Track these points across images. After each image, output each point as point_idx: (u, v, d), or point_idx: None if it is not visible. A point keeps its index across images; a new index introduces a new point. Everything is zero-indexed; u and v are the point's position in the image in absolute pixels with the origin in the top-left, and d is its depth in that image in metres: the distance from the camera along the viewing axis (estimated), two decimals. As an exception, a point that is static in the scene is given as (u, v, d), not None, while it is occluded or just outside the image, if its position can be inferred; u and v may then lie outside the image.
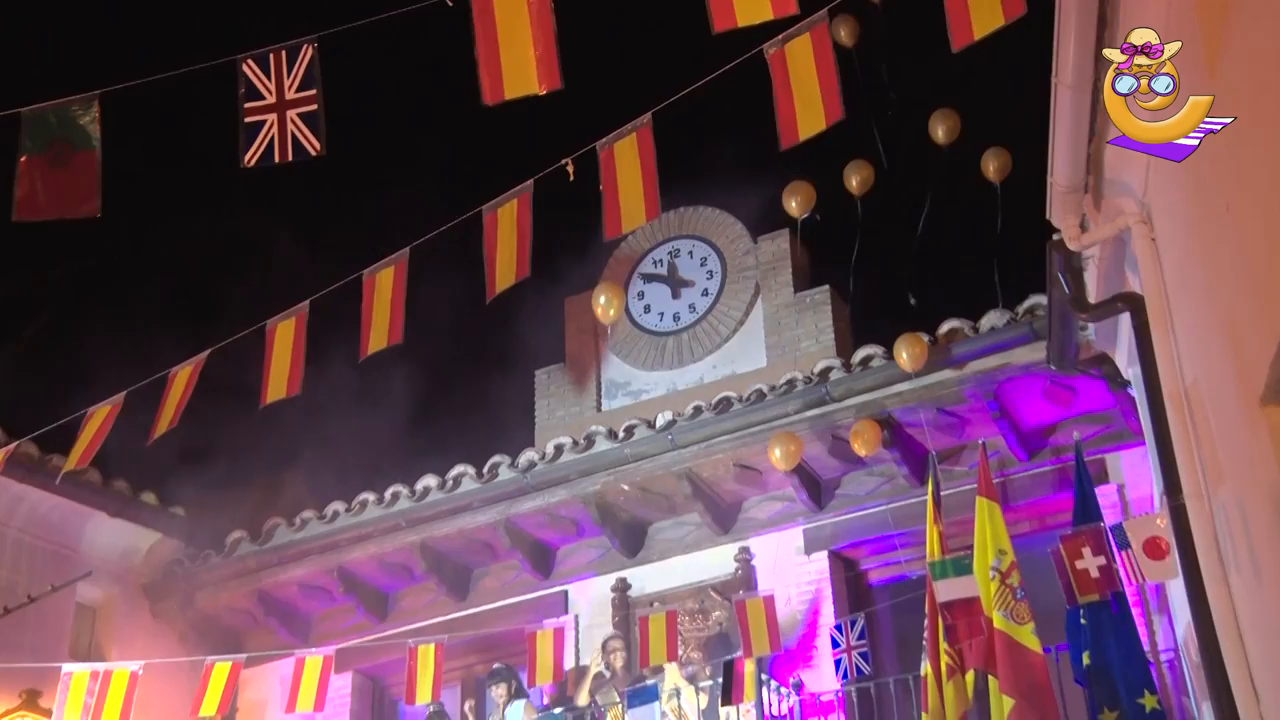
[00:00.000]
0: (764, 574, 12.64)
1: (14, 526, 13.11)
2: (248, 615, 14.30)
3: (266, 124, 6.45)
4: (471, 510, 13.47)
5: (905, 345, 11.17)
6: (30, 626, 12.52)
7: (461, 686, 13.69)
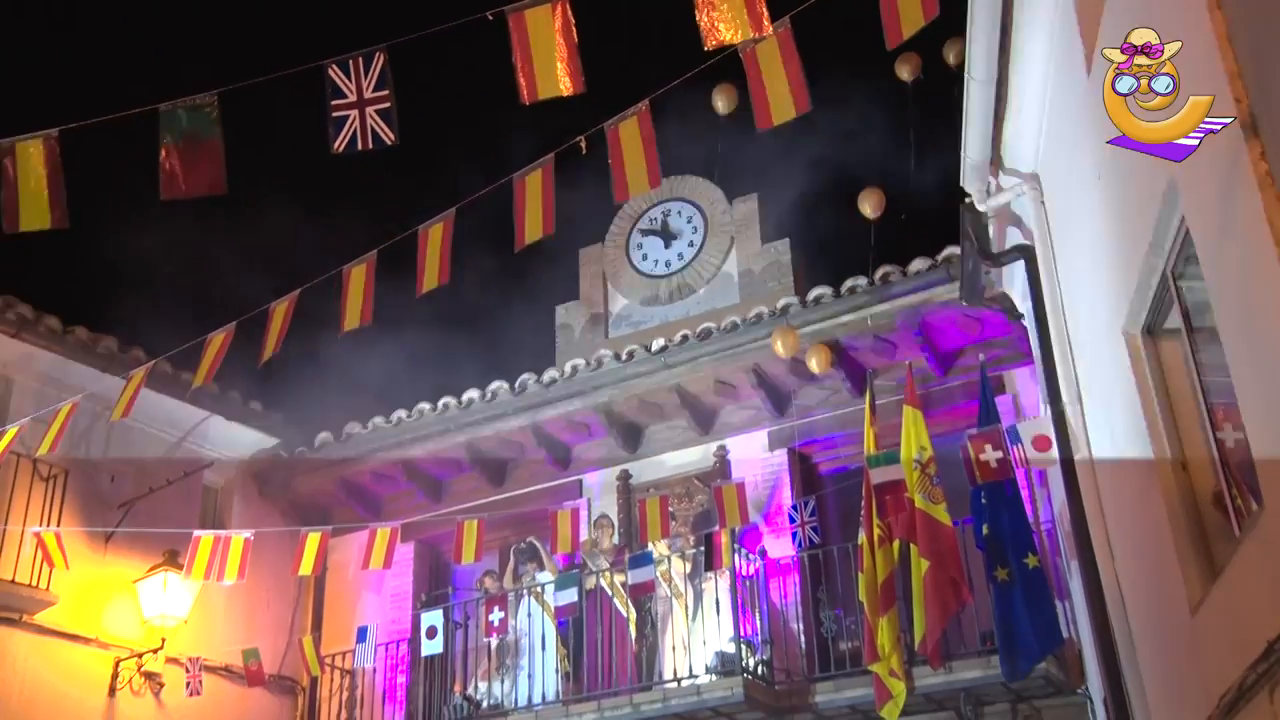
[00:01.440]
0: (737, 466, 12.75)
1: (155, 427, 13.20)
2: (332, 497, 14.40)
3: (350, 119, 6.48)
4: (506, 416, 13.54)
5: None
6: (170, 503, 12.73)
7: (499, 553, 13.78)
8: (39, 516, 11.62)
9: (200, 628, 12.85)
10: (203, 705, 12.80)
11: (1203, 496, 5.97)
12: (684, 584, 11.92)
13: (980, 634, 10.27)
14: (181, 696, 12.57)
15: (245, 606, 13.34)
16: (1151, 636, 7.05)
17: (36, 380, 12.16)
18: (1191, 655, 5.96)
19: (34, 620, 11.78)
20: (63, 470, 11.99)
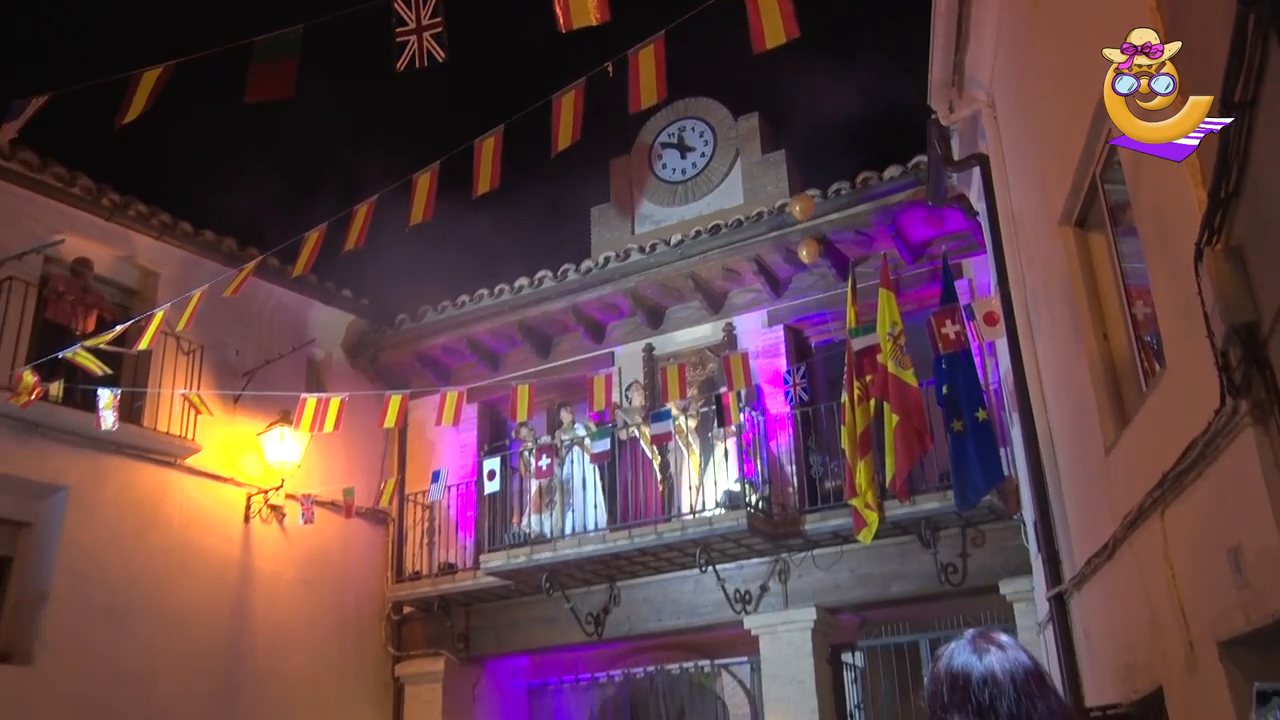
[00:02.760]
0: (741, 339, 12.85)
1: (266, 311, 13.39)
2: (410, 366, 14.56)
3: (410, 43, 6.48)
4: (550, 299, 13.64)
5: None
6: (281, 373, 12.93)
7: (547, 413, 13.98)
8: (184, 383, 11.90)
9: (310, 470, 13.18)
10: (314, 531, 13.21)
11: (1119, 361, 6.08)
12: (695, 437, 12.13)
13: (939, 474, 10.49)
14: (298, 524, 12.96)
15: (344, 454, 13.61)
16: (1074, 473, 7.21)
17: (176, 273, 12.34)
18: (1104, 486, 6.12)
19: (185, 463, 12.16)
20: (199, 346, 12.24)
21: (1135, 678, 5.82)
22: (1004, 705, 2.08)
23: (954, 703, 2.13)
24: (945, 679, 2.17)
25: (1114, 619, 6.31)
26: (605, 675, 13.80)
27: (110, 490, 11.44)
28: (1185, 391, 4.52)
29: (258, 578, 12.64)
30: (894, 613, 11.71)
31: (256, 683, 12.27)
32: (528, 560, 12.34)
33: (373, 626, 13.77)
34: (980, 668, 2.13)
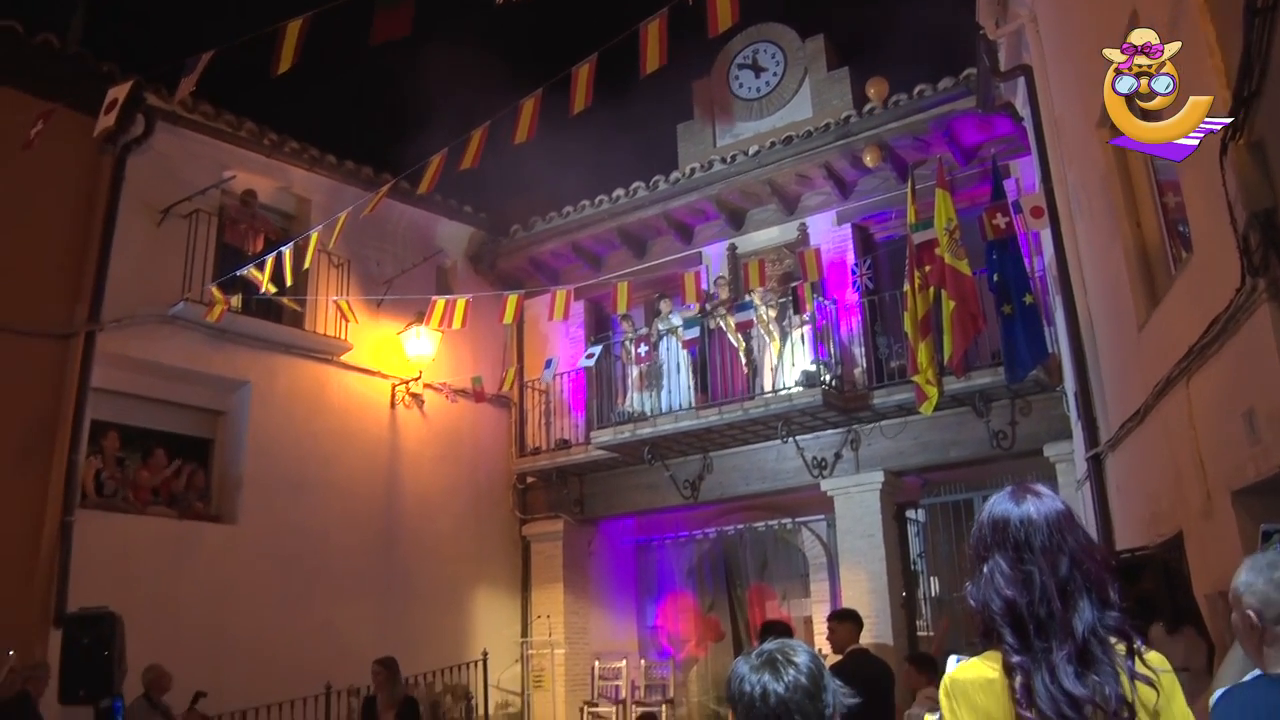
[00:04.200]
0: (813, 237, 12.80)
1: (400, 228, 13.59)
2: (524, 270, 14.70)
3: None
4: (644, 207, 13.68)
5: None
6: (414, 281, 13.18)
7: (645, 306, 14.10)
8: (336, 291, 12.28)
9: (443, 363, 13.54)
10: (449, 414, 13.65)
11: (1150, 247, 6.04)
12: (774, 324, 12.19)
13: (990, 352, 10.46)
14: (435, 409, 13.41)
15: (471, 348, 13.89)
16: (1110, 348, 7.21)
17: (324, 199, 12.58)
18: (1136, 360, 6.13)
19: (340, 360, 12.60)
20: (346, 260, 12.57)
21: (1160, 524, 5.91)
22: (1038, 540, 2.13)
23: (995, 542, 2.18)
24: (988, 524, 2.22)
25: (1142, 475, 6.38)
26: (701, 533, 14.16)
27: (282, 384, 11.99)
28: (1210, 273, 4.53)
29: (404, 455, 13.14)
30: (951, 475, 11.83)
31: (408, 540, 12.85)
32: (631, 435, 12.61)
33: (502, 494, 14.25)
34: (1018, 512, 2.18)
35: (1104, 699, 1.99)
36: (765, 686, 2.19)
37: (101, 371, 10.51)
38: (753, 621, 13.43)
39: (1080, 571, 2.11)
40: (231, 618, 10.72)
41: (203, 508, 11.46)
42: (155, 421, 11.51)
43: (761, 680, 2.20)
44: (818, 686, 2.21)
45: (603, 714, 13.21)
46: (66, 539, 9.94)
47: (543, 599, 13.92)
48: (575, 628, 13.80)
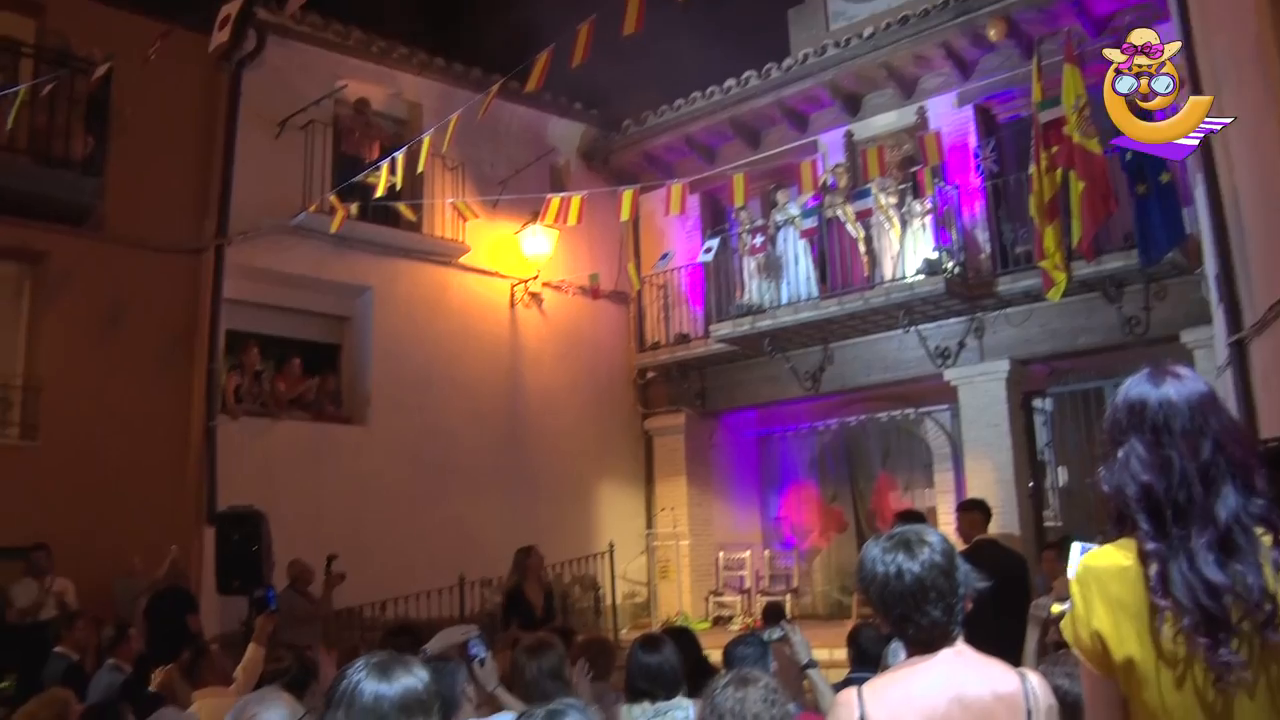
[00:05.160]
0: (933, 120, 12.34)
1: (512, 128, 13.58)
2: (638, 165, 14.63)
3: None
4: (757, 96, 13.42)
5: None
6: (528, 181, 13.14)
7: (761, 197, 13.95)
8: (452, 194, 12.42)
9: (560, 261, 13.66)
10: (567, 311, 13.83)
11: (1300, 117, 5.71)
12: (894, 211, 11.95)
13: (1123, 234, 10.07)
14: (555, 308, 13.60)
15: (587, 245, 13.92)
16: (1257, 226, 6.88)
17: (435, 103, 12.62)
18: (1286, 239, 5.86)
19: (458, 262, 12.83)
20: (460, 163, 12.65)
21: (1309, 411, 5.69)
22: (1178, 423, 2.03)
23: (1131, 425, 2.09)
24: (1123, 407, 2.13)
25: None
26: (822, 424, 14.16)
27: (403, 288, 12.31)
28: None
29: (525, 354, 13.39)
30: (1080, 363, 11.51)
31: (533, 436, 13.17)
32: (750, 328, 12.61)
33: (623, 389, 14.45)
34: (1157, 394, 2.09)
35: (1245, 589, 1.89)
36: (900, 565, 2.23)
37: (232, 283, 10.98)
38: (875, 512, 13.48)
39: (1224, 456, 2.00)
40: (367, 514, 11.22)
41: (335, 411, 11.97)
42: (285, 329, 12.01)
43: (896, 559, 2.24)
44: (952, 565, 2.23)
45: (728, 604, 13.48)
46: (211, 444, 10.56)
47: (666, 492, 14.19)
48: (699, 519, 14.04)
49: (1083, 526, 10.16)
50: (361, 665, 2.20)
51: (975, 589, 2.33)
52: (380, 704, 2.13)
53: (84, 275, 10.21)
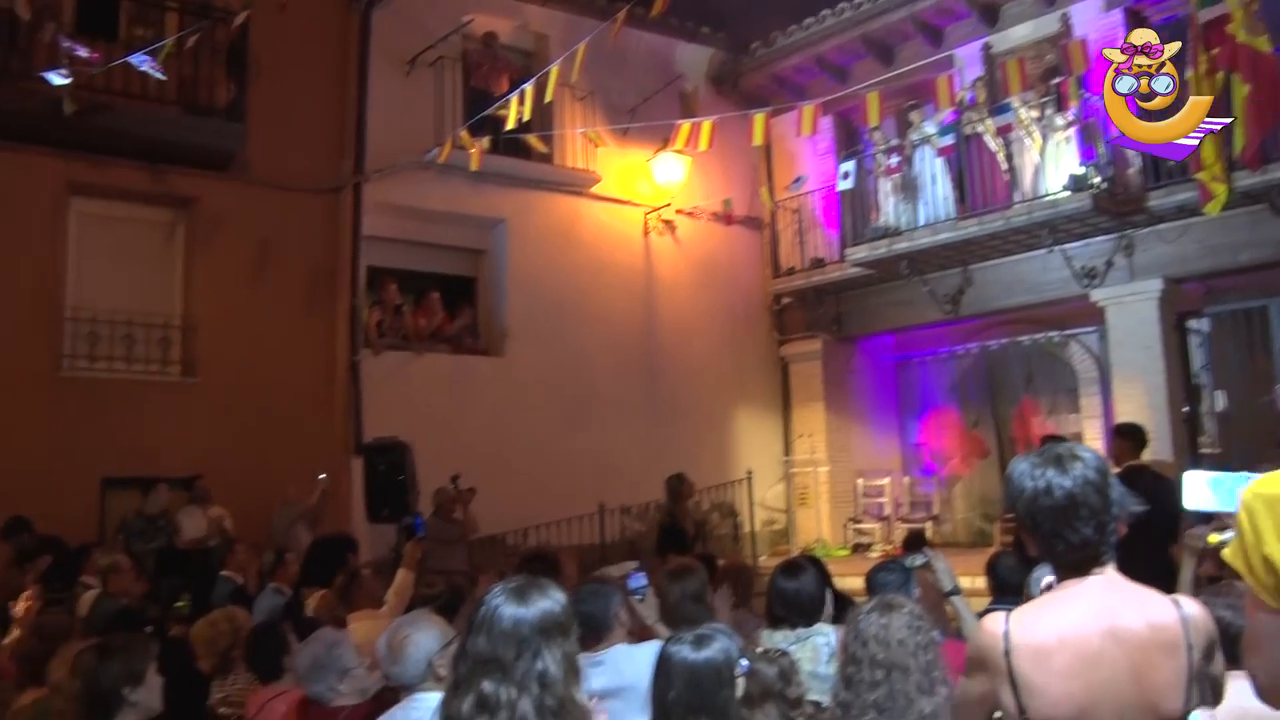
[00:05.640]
0: (1077, 27, 11.71)
1: (639, 55, 13.36)
2: (768, 88, 14.35)
3: None
4: (889, 10, 13.02)
5: None
6: (657, 108, 12.85)
7: (895, 116, 13.54)
8: (580, 124, 12.41)
9: (693, 188, 13.58)
10: (701, 238, 13.79)
11: None
12: (1036, 126, 11.47)
13: (1291, 140, 9.47)
14: (688, 235, 13.57)
15: (719, 171, 13.77)
16: None
17: (561, 33, 12.60)
18: None
19: (590, 192, 12.91)
20: (589, 92, 12.60)
21: None
22: None
23: None
24: None
25: None
26: (962, 348, 13.87)
27: (535, 220, 12.47)
28: None
29: (660, 282, 13.43)
30: (1242, 280, 10.89)
31: (669, 365, 13.25)
32: (887, 251, 12.37)
33: (758, 316, 14.38)
34: None
35: None
36: (1050, 480, 2.16)
37: (370, 220, 11.33)
38: (1017, 438, 13.20)
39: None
40: (508, 444, 11.50)
41: (474, 343, 12.27)
42: (423, 264, 12.35)
43: (1046, 475, 2.17)
44: (1106, 482, 2.16)
45: (867, 531, 13.44)
46: (356, 378, 11.00)
47: (804, 418, 14.14)
48: (837, 446, 13.96)
49: (1245, 453, 9.72)
50: (499, 590, 2.28)
51: (1130, 512, 2.24)
52: (519, 627, 2.21)
53: (231, 218, 10.67)
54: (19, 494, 8.76)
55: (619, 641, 3.74)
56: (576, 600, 3.79)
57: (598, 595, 3.84)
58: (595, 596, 3.83)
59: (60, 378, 9.84)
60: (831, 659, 3.88)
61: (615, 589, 3.92)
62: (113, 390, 10.01)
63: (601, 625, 3.75)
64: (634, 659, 3.55)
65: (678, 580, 4.24)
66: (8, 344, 9.48)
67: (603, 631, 3.75)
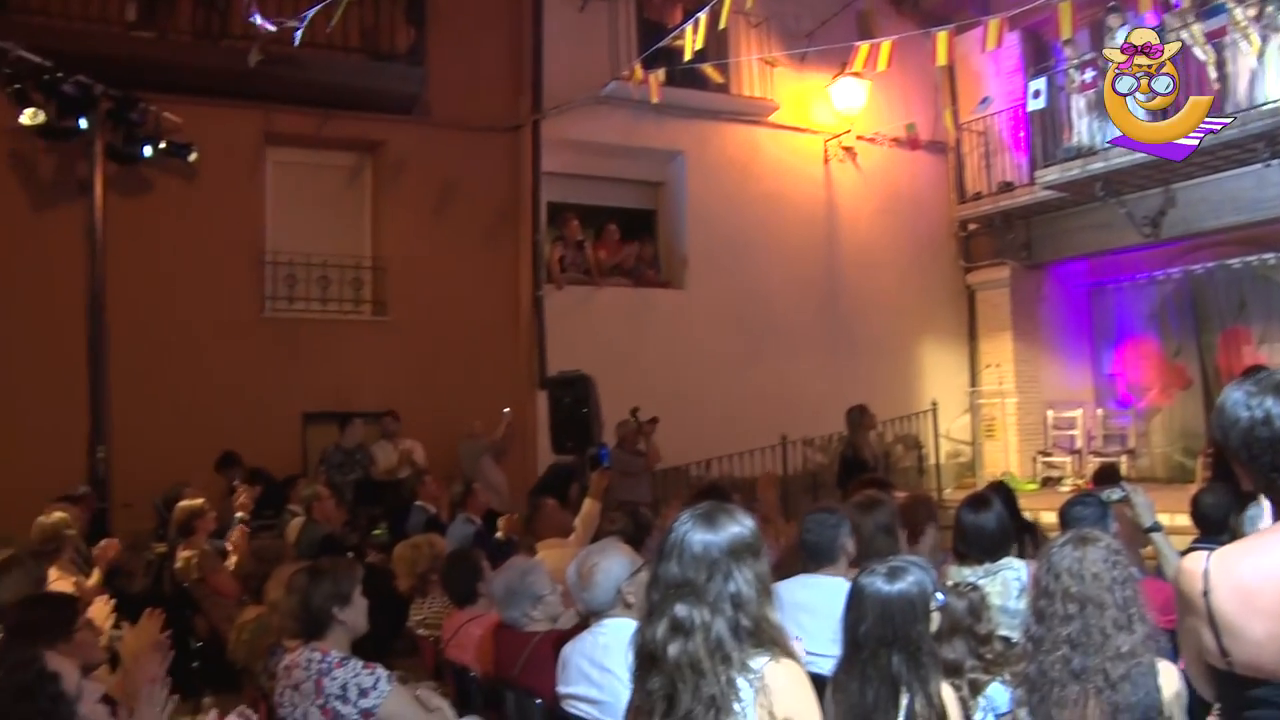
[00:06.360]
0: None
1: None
2: (950, 4, 13.57)
3: None
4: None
5: None
6: (834, 31, 12.13)
7: (1090, 28, 12.80)
8: (756, 52, 12.28)
9: (874, 112, 13.20)
10: (883, 164, 13.45)
11: None
12: (1253, 26, 10.63)
13: None
14: (869, 162, 13.26)
15: (900, 94, 13.39)
16: None
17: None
18: None
19: (767, 121, 12.73)
20: (763, 19, 12.32)
21: None
22: None
23: None
24: None
25: None
26: (1163, 273, 13.16)
27: (714, 150, 12.43)
28: None
29: (841, 211, 13.20)
30: None
31: (851, 295, 13.06)
32: (1080, 171, 11.77)
33: (943, 244, 13.98)
34: None
35: None
36: (1269, 410, 2.05)
37: (549, 156, 11.51)
38: (1224, 367, 12.48)
39: None
40: (689, 376, 11.60)
41: (654, 276, 12.40)
42: (602, 198, 12.52)
43: (1265, 404, 2.05)
44: None
45: (1057, 465, 13.01)
46: (539, 312, 11.30)
47: (990, 348, 13.75)
48: (1026, 376, 13.53)
49: None
50: (687, 517, 2.34)
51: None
52: (710, 551, 2.26)
53: (415, 160, 11.06)
54: (230, 430, 9.48)
55: (841, 572, 3.78)
56: (802, 529, 3.88)
57: (824, 524, 3.90)
58: (822, 525, 3.89)
59: (263, 319, 10.50)
60: (1022, 594, 3.82)
61: (844, 518, 3.96)
62: (310, 330, 10.61)
63: (825, 554, 3.82)
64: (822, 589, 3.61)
65: (868, 512, 4.22)
66: (217, 290, 10.15)
67: (827, 559, 3.82)
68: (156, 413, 9.45)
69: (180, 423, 9.49)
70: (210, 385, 9.85)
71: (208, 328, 10.02)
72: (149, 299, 9.67)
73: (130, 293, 9.40)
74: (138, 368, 9.44)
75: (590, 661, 3.47)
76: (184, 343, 9.85)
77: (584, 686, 3.47)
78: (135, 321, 9.47)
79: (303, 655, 3.60)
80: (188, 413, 9.60)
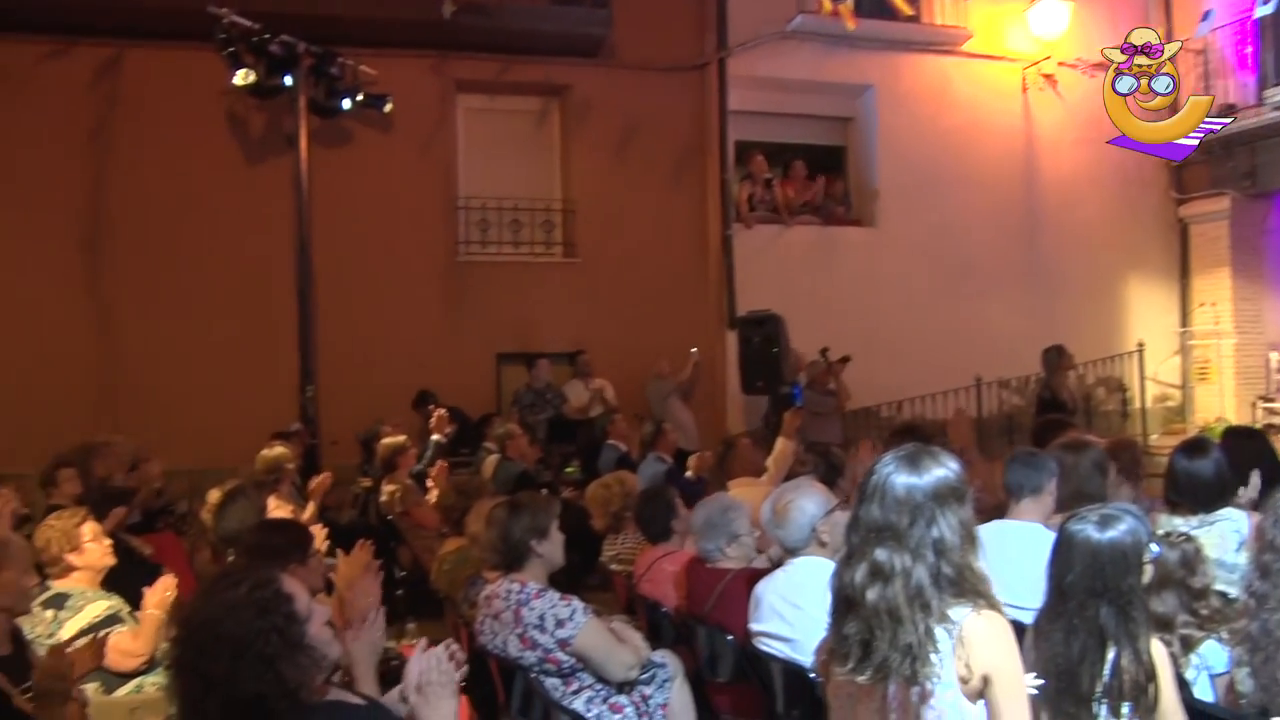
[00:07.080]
0: None
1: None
2: None
3: None
4: None
5: None
6: None
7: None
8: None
9: (1077, 36, 12.42)
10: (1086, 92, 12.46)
11: None
12: None
13: None
14: (1071, 89, 12.54)
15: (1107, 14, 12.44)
16: None
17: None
18: None
19: (960, 50, 12.27)
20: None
21: None
22: None
23: None
24: None
25: None
26: None
27: (905, 83, 12.07)
28: None
29: (1040, 142, 12.61)
30: None
31: (1051, 230, 12.53)
32: (1316, 90, 10.92)
33: (1154, 175, 13.14)
34: None
35: None
36: None
37: (735, 94, 11.44)
38: None
39: None
40: (879, 315, 11.39)
41: (843, 213, 12.19)
42: (790, 135, 12.35)
43: None
44: None
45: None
46: (728, 251, 11.31)
47: (1205, 285, 12.94)
48: (1246, 315, 12.68)
49: None
50: (890, 459, 2.31)
51: None
52: (913, 494, 2.24)
53: (601, 102, 11.18)
54: (426, 370, 9.92)
55: (1042, 518, 3.70)
56: (1006, 470, 3.81)
57: (1030, 464, 3.81)
58: (1027, 466, 3.80)
59: (456, 263, 10.87)
60: (1242, 548, 3.63)
61: (1050, 458, 3.86)
62: (502, 273, 10.92)
63: (1029, 496, 3.74)
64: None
65: (1079, 454, 4.06)
66: (412, 235, 10.58)
67: (1026, 503, 3.75)
68: (358, 354, 9.98)
69: (380, 363, 10.01)
70: (407, 327, 10.31)
71: (404, 272, 10.47)
72: (350, 246, 10.13)
73: (333, 240, 9.86)
74: (340, 311, 9.95)
75: (783, 599, 3.50)
76: (382, 287, 10.33)
77: (777, 624, 3.50)
78: (338, 267, 9.96)
79: (502, 586, 3.76)
80: (386, 354, 10.09)
